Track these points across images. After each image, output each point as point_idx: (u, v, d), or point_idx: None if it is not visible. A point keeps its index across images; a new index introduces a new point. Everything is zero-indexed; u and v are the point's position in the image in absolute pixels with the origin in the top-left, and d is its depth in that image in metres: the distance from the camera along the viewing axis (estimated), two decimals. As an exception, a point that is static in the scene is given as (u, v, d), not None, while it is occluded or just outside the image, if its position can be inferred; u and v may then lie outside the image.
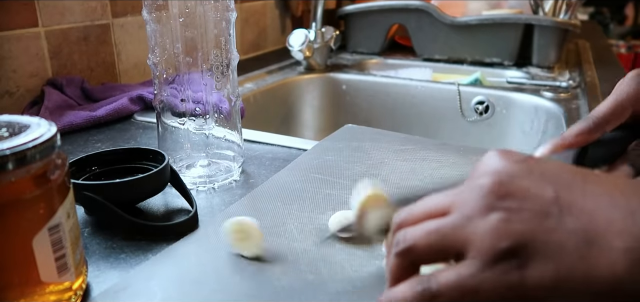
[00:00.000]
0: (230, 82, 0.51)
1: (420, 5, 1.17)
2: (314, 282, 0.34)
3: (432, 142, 0.60)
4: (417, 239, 0.27)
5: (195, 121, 0.50)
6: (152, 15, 0.47)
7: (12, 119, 0.31)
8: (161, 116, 0.51)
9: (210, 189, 0.50)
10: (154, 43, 0.48)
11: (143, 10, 0.47)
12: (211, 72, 0.49)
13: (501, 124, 0.94)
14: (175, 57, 0.47)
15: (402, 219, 0.29)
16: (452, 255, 0.26)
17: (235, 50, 0.51)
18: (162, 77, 0.49)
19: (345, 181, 0.50)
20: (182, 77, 0.48)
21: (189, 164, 0.52)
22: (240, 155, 0.53)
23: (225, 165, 0.52)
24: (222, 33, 0.48)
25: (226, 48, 0.49)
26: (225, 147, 0.53)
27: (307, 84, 1.09)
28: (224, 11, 0.48)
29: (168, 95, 0.49)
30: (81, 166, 0.47)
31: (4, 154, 0.27)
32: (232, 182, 0.51)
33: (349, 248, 0.38)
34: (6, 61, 0.70)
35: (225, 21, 0.48)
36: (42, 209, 0.29)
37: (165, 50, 0.48)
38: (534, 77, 1.04)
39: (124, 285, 0.34)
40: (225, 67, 0.49)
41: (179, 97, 0.49)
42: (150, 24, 0.47)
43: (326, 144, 0.61)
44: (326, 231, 0.41)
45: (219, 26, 0.48)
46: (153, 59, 0.48)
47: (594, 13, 3.52)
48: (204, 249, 0.39)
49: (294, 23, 1.39)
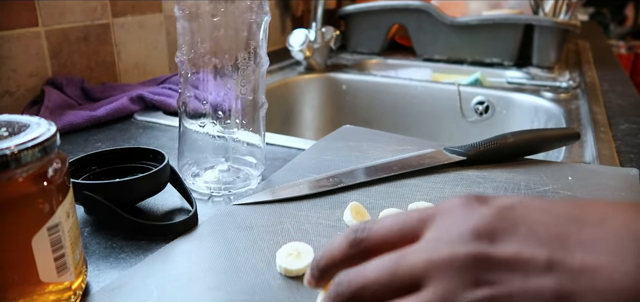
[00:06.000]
0: (258, 87, 0.49)
1: (421, 6, 1.17)
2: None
3: (430, 143, 0.60)
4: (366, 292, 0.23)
5: (216, 125, 0.48)
6: (184, 12, 0.45)
7: (11, 119, 0.31)
8: (183, 116, 0.49)
9: (226, 197, 0.48)
10: (183, 40, 0.46)
11: (175, 7, 0.46)
12: (237, 75, 0.47)
13: (501, 124, 0.94)
14: (202, 56, 0.46)
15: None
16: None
17: (266, 55, 0.49)
18: (187, 76, 0.48)
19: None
20: (206, 78, 0.47)
21: (207, 167, 0.51)
22: (261, 162, 0.51)
23: (245, 172, 0.51)
24: (253, 36, 0.46)
25: (255, 51, 0.47)
26: (247, 153, 0.51)
27: (307, 84, 1.09)
28: (258, 13, 0.46)
29: (192, 95, 0.48)
30: (81, 165, 0.47)
31: (4, 153, 0.27)
32: (248, 190, 0.49)
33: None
34: (6, 61, 0.71)
35: (257, 24, 0.46)
36: (41, 209, 0.29)
37: (192, 49, 0.46)
38: (534, 77, 1.04)
39: (120, 283, 0.34)
40: (252, 71, 0.47)
41: (201, 99, 0.47)
42: (180, 21, 0.46)
43: (324, 143, 0.61)
44: (327, 228, 0.41)
45: (250, 29, 0.46)
46: (180, 57, 0.47)
47: (594, 13, 3.52)
48: (200, 248, 0.39)
49: (294, 23, 1.39)
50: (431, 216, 0.25)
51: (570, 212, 0.23)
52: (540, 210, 0.23)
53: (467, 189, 0.48)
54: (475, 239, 0.22)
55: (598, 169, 0.53)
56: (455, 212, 0.25)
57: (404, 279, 0.23)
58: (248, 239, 0.40)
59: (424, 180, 0.50)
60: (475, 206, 0.24)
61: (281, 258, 0.36)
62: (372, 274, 0.24)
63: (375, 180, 0.50)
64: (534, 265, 0.21)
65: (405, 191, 0.48)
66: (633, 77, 3.13)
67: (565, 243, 0.21)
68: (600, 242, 0.21)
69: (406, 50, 1.31)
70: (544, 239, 0.22)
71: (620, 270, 0.20)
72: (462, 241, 0.23)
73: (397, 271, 0.23)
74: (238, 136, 0.50)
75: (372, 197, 0.47)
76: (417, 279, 0.23)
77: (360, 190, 0.48)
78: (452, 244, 0.23)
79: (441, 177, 0.51)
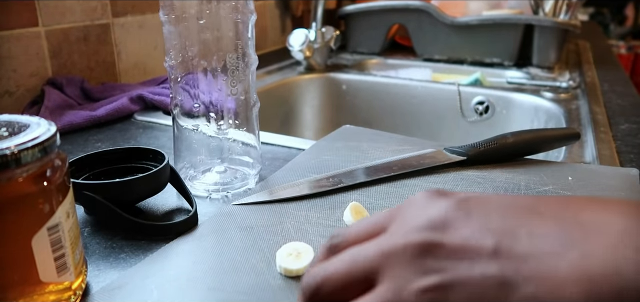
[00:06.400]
0: (249, 86, 0.49)
1: (421, 5, 1.17)
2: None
3: (430, 143, 0.60)
4: (330, 287, 0.24)
5: (209, 126, 0.48)
6: (169, 16, 0.45)
7: (11, 119, 0.31)
8: (177, 120, 0.49)
9: (224, 197, 0.48)
10: (170, 45, 0.47)
11: (160, 11, 0.46)
12: (227, 76, 0.47)
13: (501, 125, 0.94)
14: (191, 59, 0.46)
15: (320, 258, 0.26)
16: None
17: (254, 54, 0.49)
18: (177, 80, 0.48)
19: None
20: (197, 80, 0.47)
21: (204, 170, 0.51)
22: (257, 161, 0.52)
23: (241, 172, 0.51)
24: (240, 36, 0.47)
25: (243, 51, 0.47)
26: (243, 153, 0.51)
27: (307, 84, 1.09)
28: (243, 13, 0.46)
29: (183, 98, 0.48)
30: (81, 165, 0.47)
31: (4, 153, 0.27)
32: (247, 189, 0.50)
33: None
34: (6, 61, 0.71)
35: (244, 23, 0.47)
36: (41, 209, 0.29)
37: (180, 53, 0.46)
38: (534, 77, 1.04)
39: (120, 283, 0.34)
40: (242, 70, 0.47)
41: (193, 101, 0.48)
42: (166, 26, 0.46)
43: (324, 143, 0.61)
44: (327, 228, 0.41)
45: (237, 29, 0.46)
46: (169, 62, 0.47)
47: (594, 13, 3.52)
48: (200, 248, 0.39)
49: (294, 23, 1.39)
50: (396, 212, 0.26)
51: (525, 205, 0.23)
52: (497, 203, 0.24)
53: (467, 189, 0.48)
54: (428, 228, 0.23)
55: (598, 169, 0.53)
56: (415, 206, 0.25)
57: (359, 272, 0.24)
58: (248, 239, 0.40)
59: (424, 180, 0.50)
60: (434, 199, 0.25)
61: (281, 258, 0.36)
62: (332, 267, 0.25)
63: (375, 180, 0.50)
64: (480, 252, 0.22)
65: (405, 191, 0.48)
66: (633, 77, 3.13)
67: (514, 233, 0.22)
68: (549, 232, 0.22)
69: (406, 50, 1.31)
70: (494, 229, 0.22)
71: (565, 258, 0.21)
72: (415, 230, 0.23)
73: (353, 265, 0.24)
74: (233, 136, 0.50)
75: (372, 197, 0.47)
76: (373, 271, 0.23)
77: (360, 190, 0.48)
78: (406, 235, 0.23)
79: (441, 177, 0.51)
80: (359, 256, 0.24)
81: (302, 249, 0.36)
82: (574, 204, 0.23)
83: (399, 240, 0.23)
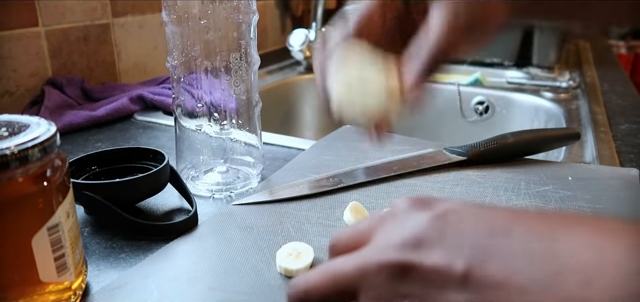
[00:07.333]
0: (251, 86, 0.49)
1: (421, 6, 1.17)
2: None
3: (430, 143, 0.60)
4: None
5: (212, 126, 0.48)
6: (171, 17, 0.45)
7: (11, 119, 0.31)
8: (179, 121, 0.49)
9: (228, 197, 0.48)
10: (173, 46, 0.47)
11: (162, 11, 0.46)
12: (229, 76, 0.47)
13: (501, 125, 0.94)
14: (194, 60, 0.46)
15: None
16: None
17: (257, 54, 0.49)
18: (180, 80, 0.48)
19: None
20: (200, 80, 0.47)
21: (206, 170, 0.51)
22: (259, 161, 0.52)
23: (244, 172, 0.51)
24: (243, 36, 0.47)
25: (246, 51, 0.47)
26: (245, 153, 0.51)
27: (307, 84, 1.09)
28: (245, 13, 0.46)
29: (185, 99, 0.48)
30: (81, 165, 0.47)
31: (4, 153, 0.27)
32: (249, 189, 0.50)
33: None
34: (6, 61, 0.71)
35: (246, 24, 0.47)
36: (41, 209, 0.29)
37: (182, 53, 0.46)
38: (534, 77, 1.04)
39: (120, 283, 0.34)
40: (245, 70, 0.47)
41: (196, 101, 0.48)
42: (169, 26, 0.46)
43: (324, 143, 0.61)
44: (327, 228, 0.41)
45: (239, 29, 0.46)
46: (172, 62, 0.47)
47: (595, 13, 3.51)
48: (200, 247, 0.39)
49: (294, 23, 1.39)
50: (380, 221, 0.26)
51: (501, 225, 0.23)
52: (474, 219, 0.23)
53: (467, 189, 0.48)
54: (402, 247, 0.23)
55: (598, 169, 0.53)
56: (395, 217, 0.26)
57: (340, 287, 0.24)
58: (248, 239, 0.40)
59: (424, 180, 0.50)
60: (413, 212, 0.25)
61: (281, 258, 0.36)
62: (314, 277, 0.25)
63: (375, 180, 0.50)
64: (450, 277, 0.22)
65: (405, 191, 0.48)
66: (633, 77, 3.13)
67: (486, 255, 0.21)
68: (520, 260, 0.21)
69: (406, 50, 1.31)
70: (467, 251, 0.22)
71: (532, 293, 0.20)
72: (390, 248, 0.24)
73: (334, 281, 0.25)
74: (235, 136, 0.50)
75: (372, 197, 0.47)
76: (353, 287, 0.24)
77: (360, 190, 0.48)
78: (381, 252, 0.24)
79: (441, 177, 0.51)
80: (339, 274, 0.25)
81: (302, 249, 0.36)
82: (550, 223, 0.22)
83: (374, 257, 0.24)
